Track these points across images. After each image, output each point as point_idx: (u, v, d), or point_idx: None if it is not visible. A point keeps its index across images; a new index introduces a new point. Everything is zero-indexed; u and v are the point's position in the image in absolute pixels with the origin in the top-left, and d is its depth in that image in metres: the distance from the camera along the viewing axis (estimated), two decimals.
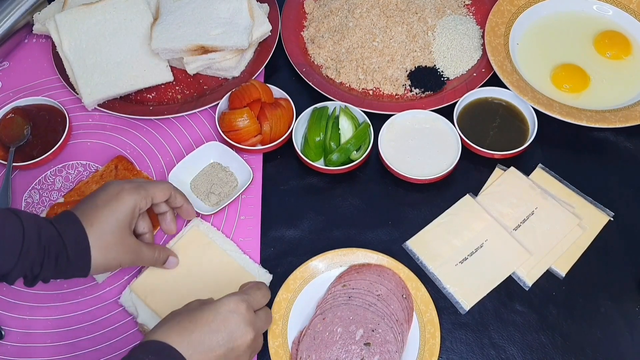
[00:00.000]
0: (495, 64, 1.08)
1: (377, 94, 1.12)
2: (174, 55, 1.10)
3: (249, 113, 1.01)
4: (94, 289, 0.94)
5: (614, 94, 1.08)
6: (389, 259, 0.93)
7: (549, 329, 0.89)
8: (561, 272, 0.93)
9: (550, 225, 0.96)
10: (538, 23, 1.17)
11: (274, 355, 0.87)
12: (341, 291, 0.90)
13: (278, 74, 1.16)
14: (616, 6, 1.17)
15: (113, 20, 1.13)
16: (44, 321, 0.92)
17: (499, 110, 1.06)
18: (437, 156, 1.01)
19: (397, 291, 0.89)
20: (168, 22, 1.11)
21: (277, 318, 0.89)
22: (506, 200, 0.98)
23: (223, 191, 1.01)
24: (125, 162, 1.04)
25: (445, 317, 0.90)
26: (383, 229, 0.98)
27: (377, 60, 1.13)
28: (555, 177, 1.01)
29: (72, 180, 1.05)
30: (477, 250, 0.95)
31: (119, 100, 1.11)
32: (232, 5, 1.12)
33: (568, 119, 1.01)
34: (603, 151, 1.04)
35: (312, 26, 1.20)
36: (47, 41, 1.21)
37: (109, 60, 1.11)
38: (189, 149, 1.06)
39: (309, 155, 1.02)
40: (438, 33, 1.15)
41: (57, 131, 1.06)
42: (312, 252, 0.94)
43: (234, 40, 1.08)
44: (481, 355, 0.87)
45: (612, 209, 0.97)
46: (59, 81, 1.14)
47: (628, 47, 1.13)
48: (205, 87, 1.14)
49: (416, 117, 1.05)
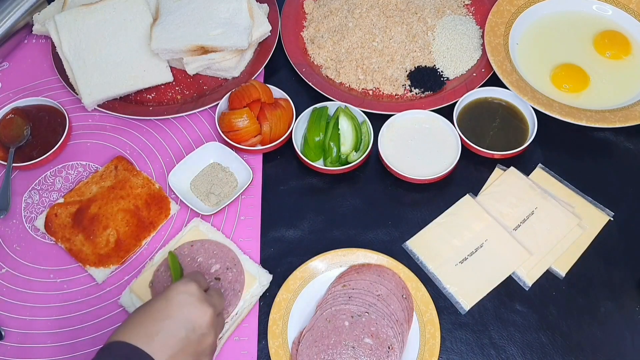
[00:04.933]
0: (495, 63, 1.08)
1: (376, 94, 1.12)
2: (173, 55, 1.10)
3: (248, 113, 1.01)
4: (94, 289, 0.94)
5: (613, 94, 1.08)
6: (389, 259, 0.93)
7: (549, 329, 0.89)
8: (561, 272, 0.93)
9: (550, 225, 0.96)
10: (538, 23, 1.17)
11: (274, 355, 0.87)
12: (341, 291, 0.90)
13: (278, 74, 1.16)
14: (616, 6, 1.17)
15: (113, 20, 1.13)
16: (44, 321, 0.92)
17: (498, 110, 1.06)
18: (437, 156, 1.01)
19: (397, 291, 0.89)
20: (168, 22, 1.11)
21: (277, 318, 0.89)
22: (506, 200, 0.98)
23: (223, 191, 1.01)
24: (125, 162, 1.04)
25: (445, 317, 0.90)
26: (383, 229, 0.98)
27: (376, 60, 1.13)
28: (555, 177, 1.01)
29: (72, 180, 1.05)
30: (477, 250, 0.95)
31: (119, 100, 1.11)
32: (232, 5, 1.12)
33: (568, 119, 1.01)
34: (603, 151, 1.04)
35: (311, 26, 1.20)
36: (46, 42, 1.21)
37: (109, 61, 1.11)
38: (188, 149, 1.06)
39: (309, 155, 1.02)
40: (438, 33, 1.15)
41: (57, 132, 1.06)
42: (312, 252, 0.94)
43: (233, 41, 1.08)
44: (481, 355, 0.87)
45: (612, 209, 0.97)
46: (59, 82, 1.14)
47: (628, 47, 1.13)
48: (205, 88, 1.14)
49: (416, 117, 1.05)
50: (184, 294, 0.75)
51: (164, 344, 0.70)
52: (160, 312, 0.73)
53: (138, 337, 0.70)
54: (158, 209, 1.00)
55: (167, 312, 0.73)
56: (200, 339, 0.74)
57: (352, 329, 0.86)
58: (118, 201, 0.99)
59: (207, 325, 0.75)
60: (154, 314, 0.73)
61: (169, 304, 0.74)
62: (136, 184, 1.01)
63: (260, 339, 0.90)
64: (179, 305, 0.74)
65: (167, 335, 0.71)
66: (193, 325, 0.73)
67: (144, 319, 0.73)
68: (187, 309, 0.74)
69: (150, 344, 0.70)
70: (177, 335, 0.72)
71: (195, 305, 0.74)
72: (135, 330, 0.71)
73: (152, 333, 0.71)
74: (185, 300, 0.74)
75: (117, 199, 0.99)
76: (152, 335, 0.70)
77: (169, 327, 0.72)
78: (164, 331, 0.71)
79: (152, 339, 0.70)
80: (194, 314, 0.74)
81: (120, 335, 0.71)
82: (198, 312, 0.74)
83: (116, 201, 0.99)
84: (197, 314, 0.74)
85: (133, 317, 0.73)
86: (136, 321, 0.73)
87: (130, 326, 0.72)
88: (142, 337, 0.70)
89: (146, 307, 0.74)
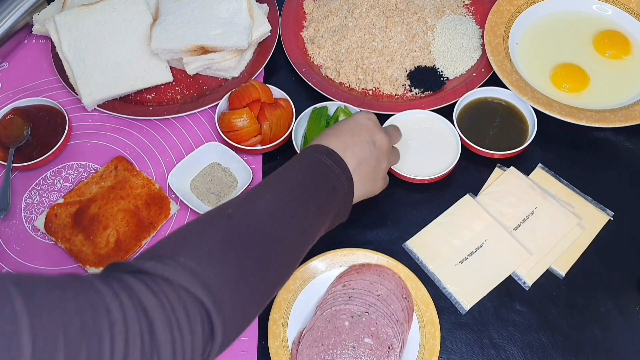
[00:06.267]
0: (494, 63, 1.08)
1: (376, 94, 1.12)
2: (173, 55, 1.10)
3: (248, 113, 1.01)
4: None
5: (613, 94, 1.08)
6: (389, 259, 0.93)
7: (549, 329, 0.89)
8: (561, 271, 0.93)
9: (550, 225, 0.96)
10: (537, 23, 1.17)
11: (274, 355, 0.87)
12: (341, 291, 0.90)
13: (278, 74, 1.16)
14: (616, 6, 1.17)
15: (113, 20, 1.13)
16: None
17: (498, 110, 1.06)
18: (437, 156, 1.01)
19: (397, 291, 0.89)
20: (168, 22, 1.11)
21: (277, 318, 0.89)
22: (506, 200, 0.98)
23: (223, 191, 1.01)
24: (125, 162, 1.04)
25: (445, 317, 0.90)
26: (383, 229, 0.98)
27: (376, 60, 1.13)
28: (555, 176, 1.01)
29: (72, 180, 1.05)
30: (477, 250, 0.95)
31: (119, 100, 1.11)
32: (232, 5, 1.12)
33: (568, 119, 1.01)
34: (603, 151, 1.04)
35: (311, 26, 1.20)
36: (46, 42, 1.21)
37: (109, 61, 1.11)
38: (188, 149, 1.06)
39: None
40: (437, 33, 1.15)
41: (57, 132, 1.06)
42: (312, 252, 0.94)
43: (233, 41, 1.08)
44: (481, 355, 0.87)
45: (612, 209, 0.97)
46: (59, 82, 1.14)
47: (627, 46, 1.13)
48: (205, 88, 1.14)
49: (416, 117, 1.05)
50: (368, 119, 0.88)
51: (353, 154, 0.83)
52: (351, 130, 0.86)
53: (335, 144, 0.83)
54: (158, 209, 1.00)
55: (357, 131, 0.86)
56: (378, 160, 0.86)
57: (352, 329, 0.86)
58: (118, 201, 0.99)
59: (385, 150, 0.88)
60: (346, 130, 0.86)
61: (357, 125, 0.87)
62: (136, 184, 1.01)
63: (260, 339, 0.90)
64: (366, 127, 0.87)
65: (356, 147, 0.84)
66: (374, 145, 0.86)
67: (338, 133, 0.85)
68: (371, 131, 0.87)
69: (344, 151, 0.82)
70: (363, 149, 0.84)
71: (377, 131, 0.87)
72: (332, 139, 0.84)
73: (345, 144, 0.83)
74: (370, 125, 0.87)
75: (117, 199, 0.99)
76: (345, 145, 0.83)
77: (358, 142, 0.84)
78: (354, 144, 0.84)
79: (345, 147, 0.83)
80: (377, 136, 0.87)
81: (320, 141, 0.84)
82: (380, 135, 0.87)
83: (116, 201, 0.99)
84: (379, 137, 0.87)
85: (328, 132, 0.87)
86: (332, 134, 0.85)
87: (326, 137, 0.85)
88: (338, 145, 0.83)
89: (338, 126, 0.87)
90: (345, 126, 0.87)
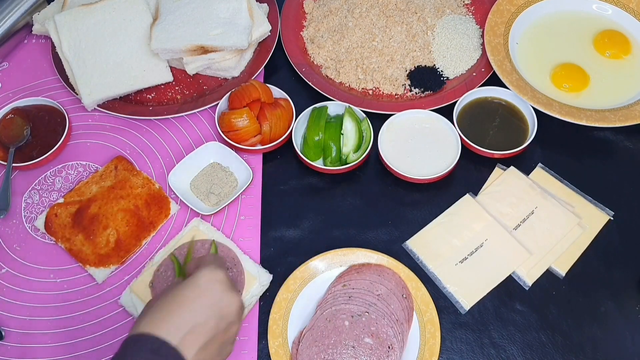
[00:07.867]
0: (494, 63, 1.08)
1: (376, 93, 1.12)
2: (173, 55, 1.10)
3: (248, 113, 1.01)
4: (94, 289, 0.94)
5: (613, 93, 1.08)
6: (389, 259, 0.93)
7: (549, 329, 0.89)
8: (561, 271, 0.93)
9: (550, 224, 0.96)
10: (537, 22, 1.17)
11: (274, 355, 0.87)
12: (341, 291, 0.90)
13: (278, 74, 1.16)
14: (616, 5, 1.17)
15: (113, 20, 1.13)
16: (44, 321, 0.92)
17: (498, 110, 1.06)
18: (437, 156, 1.01)
19: (397, 291, 0.89)
20: (168, 22, 1.11)
21: (277, 318, 0.89)
22: (506, 199, 0.98)
23: (223, 191, 1.01)
24: (125, 162, 1.04)
25: (445, 316, 0.90)
26: (383, 229, 0.98)
27: (376, 60, 1.13)
28: (555, 176, 1.01)
29: (72, 180, 1.05)
30: (477, 250, 0.95)
31: (119, 100, 1.11)
32: (232, 5, 1.12)
33: (568, 119, 1.01)
34: (603, 150, 1.04)
35: (311, 26, 1.20)
36: (46, 42, 1.21)
37: (109, 61, 1.11)
38: (188, 149, 1.06)
39: (309, 155, 1.02)
40: (437, 33, 1.15)
41: (57, 132, 1.06)
42: (312, 252, 0.94)
43: (233, 41, 1.08)
44: (481, 355, 0.87)
45: (612, 209, 0.97)
46: (59, 82, 1.14)
47: (627, 46, 1.13)
48: (205, 87, 1.14)
49: (416, 116, 1.05)
50: (214, 281, 0.71)
51: (194, 336, 0.67)
52: (189, 300, 0.69)
53: (167, 329, 0.66)
54: (158, 208, 1.00)
55: (197, 300, 0.69)
56: (227, 328, 0.71)
57: (352, 329, 0.86)
58: (118, 201, 0.99)
59: (235, 314, 0.72)
60: (183, 302, 0.69)
61: (198, 291, 0.70)
62: (136, 184, 1.01)
63: (261, 338, 0.90)
64: (209, 293, 0.70)
65: (197, 325, 0.68)
66: (222, 313, 0.70)
67: (172, 307, 0.68)
68: (217, 296, 0.70)
69: (180, 336, 0.66)
70: (207, 324, 0.68)
71: (225, 293, 0.71)
72: (164, 320, 0.67)
73: (181, 324, 0.67)
74: (216, 287, 0.71)
75: (117, 198, 0.99)
76: (181, 327, 0.66)
77: (200, 316, 0.68)
78: (196, 320, 0.68)
79: (181, 330, 0.66)
80: (224, 302, 0.71)
81: (147, 325, 0.66)
82: (228, 300, 0.71)
83: (116, 201, 0.99)
84: (227, 302, 0.71)
85: (159, 304, 0.69)
86: (164, 309, 0.68)
87: (157, 315, 0.68)
88: (171, 329, 0.66)
89: (174, 293, 0.70)
90: (181, 295, 0.70)
